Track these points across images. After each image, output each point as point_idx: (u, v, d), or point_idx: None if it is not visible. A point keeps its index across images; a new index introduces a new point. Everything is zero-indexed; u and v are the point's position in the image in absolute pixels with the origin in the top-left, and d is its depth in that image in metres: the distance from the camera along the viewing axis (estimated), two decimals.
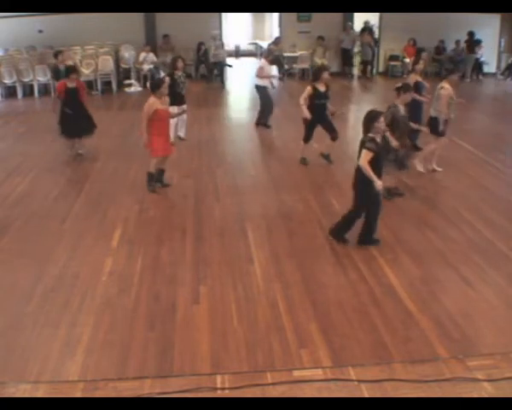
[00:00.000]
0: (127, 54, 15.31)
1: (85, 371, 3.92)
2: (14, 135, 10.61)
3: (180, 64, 9.25)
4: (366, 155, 5.33)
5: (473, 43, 16.18)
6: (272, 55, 11.13)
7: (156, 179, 7.38)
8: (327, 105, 8.13)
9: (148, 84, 7.94)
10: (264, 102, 10.68)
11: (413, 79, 8.07)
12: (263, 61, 10.74)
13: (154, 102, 6.89)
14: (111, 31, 15.02)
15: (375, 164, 5.34)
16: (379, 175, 5.37)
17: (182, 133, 9.64)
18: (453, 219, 6.50)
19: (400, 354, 4.06)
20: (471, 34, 16.25)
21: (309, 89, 7.97)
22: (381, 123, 5.45)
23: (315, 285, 5.05)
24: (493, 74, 17.09)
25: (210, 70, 16.00)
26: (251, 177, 8.13)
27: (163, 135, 7.13)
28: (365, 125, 5.46)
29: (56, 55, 10.02)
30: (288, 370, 3.92)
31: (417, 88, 7.83)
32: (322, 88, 7.98)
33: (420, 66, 8.34)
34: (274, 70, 13.14)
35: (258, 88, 10.66)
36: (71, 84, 8.34)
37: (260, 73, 10.48)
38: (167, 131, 7.38)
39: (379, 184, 5.33)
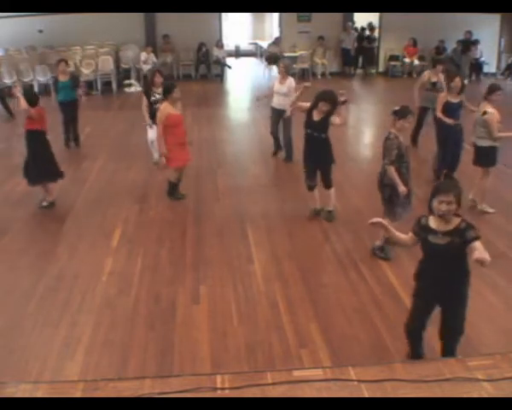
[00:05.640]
0: (131, 52, 15.31)
1: (85, 371, 3.92)
2: (15, 135, 10.60)
3: (158, 80, 7.85)
4: None
5: (469, 43, 16.05)
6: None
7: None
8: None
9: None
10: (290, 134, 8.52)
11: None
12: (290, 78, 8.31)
13: (165, 107, 6.61)
14: (111, 31, 15.04)
15: None
16: None
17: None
18: None
19: (400, 354, 4.06)
20: (469, 33, 16.11)
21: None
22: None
23: (315, 285, 5.05)
24: (493, 74, 17.07)
25: (210, 70, 16.06)
26: (251, 177, 8.13)
27: (181, 142, 6.77)
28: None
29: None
30: (288, 370, 3.91)
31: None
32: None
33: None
34: (274, 70, 13.11)
35: (282, 113, 8.32)
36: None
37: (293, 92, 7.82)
38: (184, 137, 6.87)
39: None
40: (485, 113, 6.41)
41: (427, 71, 8.88)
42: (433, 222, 3.58)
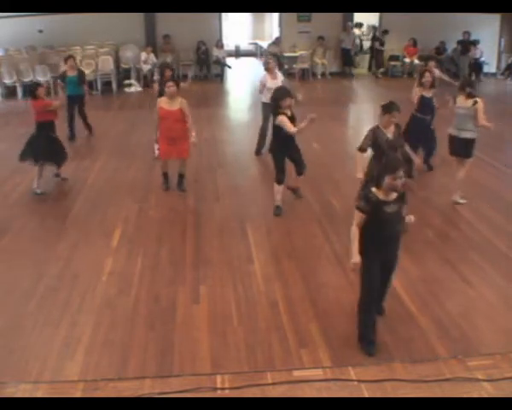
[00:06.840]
0: (131, 53, 15.31)
1: (85, 371, 3.92)
2: (15, 135, 10.59)
3: (168, 73, 8.29)
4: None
5: (468, 43, 16.01)
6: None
7: (178, 182, 7.38)
8: None
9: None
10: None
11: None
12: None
13: (160, 101, 6.94)
14: (111, 31, 15.02)
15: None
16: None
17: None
18: (453, 219, 6.50)
19: (400, 354, 4.06)
20: (467, 34, 16.07)
21: None
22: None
23: (315, 285, 5.05)
24: (493, 74, 17.07)
25: (210, 70, 16.08)
26: (251, 177, 8.14)
27: (164, 136, 6.90)
28: None
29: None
30: (287, 370, 3.92)
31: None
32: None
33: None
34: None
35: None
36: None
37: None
38: (171, 132, 6.86)
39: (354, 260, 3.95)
40: (475, 102, 6.44)
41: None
42: (380, 194, 3.87)
